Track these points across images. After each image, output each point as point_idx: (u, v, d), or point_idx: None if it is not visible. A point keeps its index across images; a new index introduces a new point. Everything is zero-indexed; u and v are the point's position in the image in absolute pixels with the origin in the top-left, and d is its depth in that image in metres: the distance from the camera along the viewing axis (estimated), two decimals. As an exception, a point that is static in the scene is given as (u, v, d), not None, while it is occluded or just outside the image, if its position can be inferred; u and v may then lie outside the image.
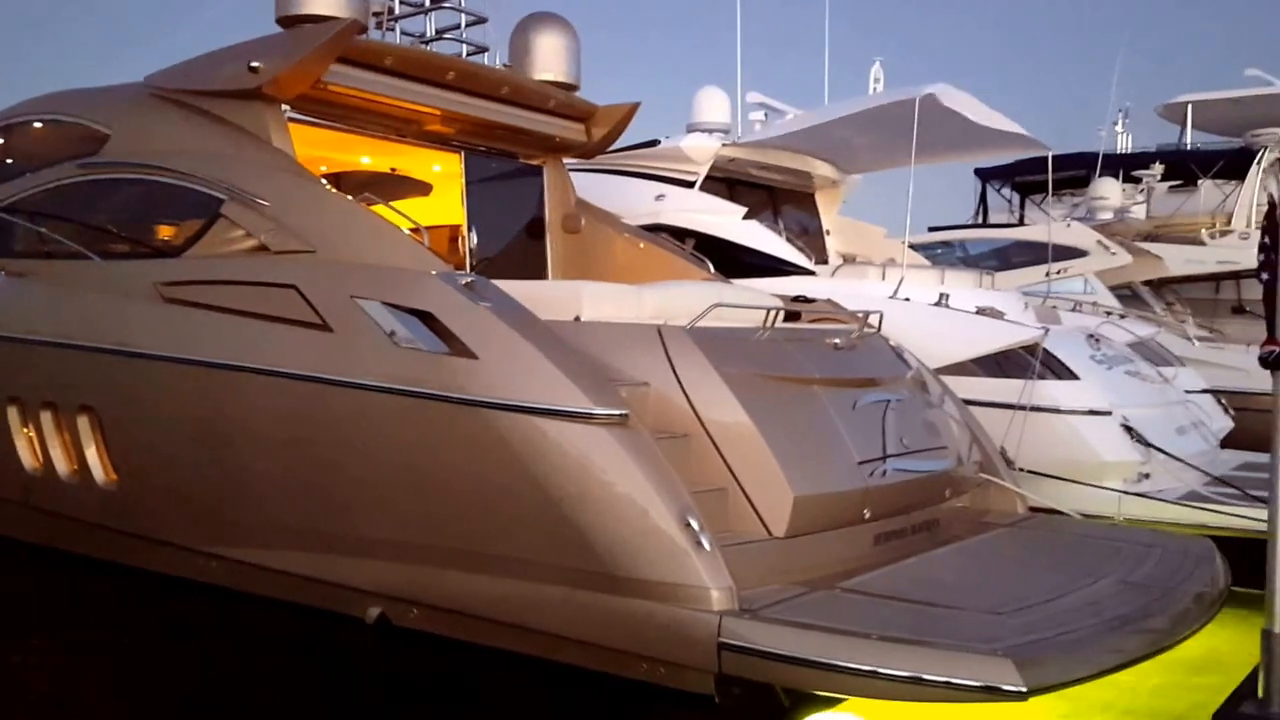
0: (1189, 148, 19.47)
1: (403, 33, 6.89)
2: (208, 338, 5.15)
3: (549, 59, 7.08)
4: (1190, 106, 19.64)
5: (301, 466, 4.90)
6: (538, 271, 7.41)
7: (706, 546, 4.04)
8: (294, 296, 4.88)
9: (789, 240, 10.32)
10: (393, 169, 7.48)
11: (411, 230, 5.41)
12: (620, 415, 4.26)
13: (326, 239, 5.11)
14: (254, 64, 5.49)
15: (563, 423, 4.26)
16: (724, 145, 10.53)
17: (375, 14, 6.58)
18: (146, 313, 5.46)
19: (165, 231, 5.87)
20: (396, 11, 6.83)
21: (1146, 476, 7.53)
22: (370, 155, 7.23)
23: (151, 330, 5.39)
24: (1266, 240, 4.33)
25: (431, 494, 4.55)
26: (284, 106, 5.78)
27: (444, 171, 7.31)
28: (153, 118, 6.00)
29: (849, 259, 11.18)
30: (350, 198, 5.54)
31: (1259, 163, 15.26)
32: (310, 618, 4.99)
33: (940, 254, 14.61)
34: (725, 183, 10.79)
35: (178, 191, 5.65)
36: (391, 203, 6.51)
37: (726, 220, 10.05)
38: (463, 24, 6.97)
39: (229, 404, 5.10)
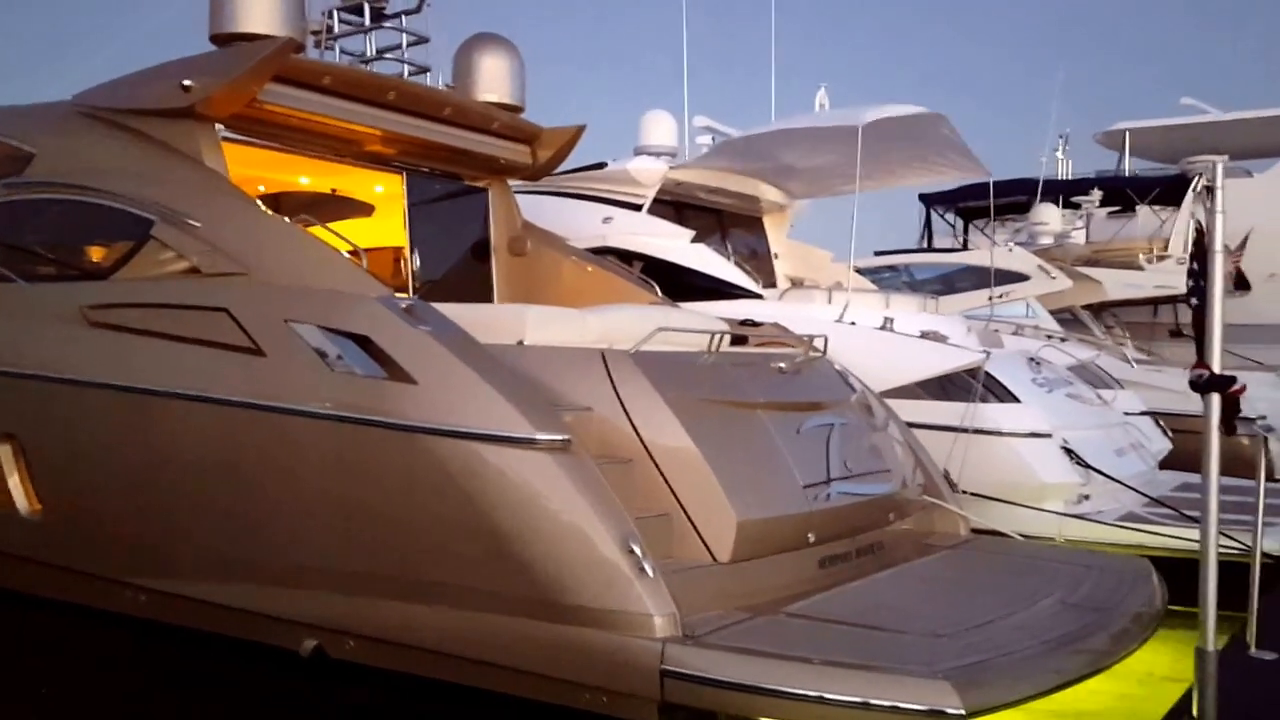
0: (1127, 174, 19.90)
1: (342, 51, 6.81)
2: (135, 363, 5.01)
3: (493, 80, 7.04)
4: (1128, 134, 20.10)
5: (233, 495, 4.77)
6: (483, 294, 7.34)
7: (649, 573, 3.99)
8: (225, 320, 4.76)
9: (737, 264, 10.36)
10: (333, 190, 7.37)
11: (349, 252, 5.32)
12: (562, 440, 4.21)
13: (260, 261, 5.00)
14: (186, 82, 5.38)
15: (503, 448, 4.19)
16: (671, 168, 10.56)
17: (314, 32, 6.50)
18: (72, 337, 5.29)
19: (93, 253, 5.71)
20: (336, 30, 6.75)
21: (1087, 498, 7.62)
22: (310, 176, 7.12)
23: (77, 355, 5.24)
24: (1195, 266, 4.40)
25: (369, 522, 4.45)
26: (218, 126, 5.67)
27: (386, 193, 7.22)
28: (81, 137, 5.85)
29: (797, 282, 11.25)
30: (286, 219, 5.44)
31: (1194, 189, 15.61)
32: (242, 651, 4.85)
33: (886, 278, 14.77)
34: (673, 206, 10.82)
35: (106, 212, 5.50)
36: (333, 224, 6.42)
37: (674, 243, 10.06)
38: (404, 44, 6.90)
39: (157, 431, 4.95)
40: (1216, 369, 4.33)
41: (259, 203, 5.53)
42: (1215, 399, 4.36)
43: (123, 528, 5.19)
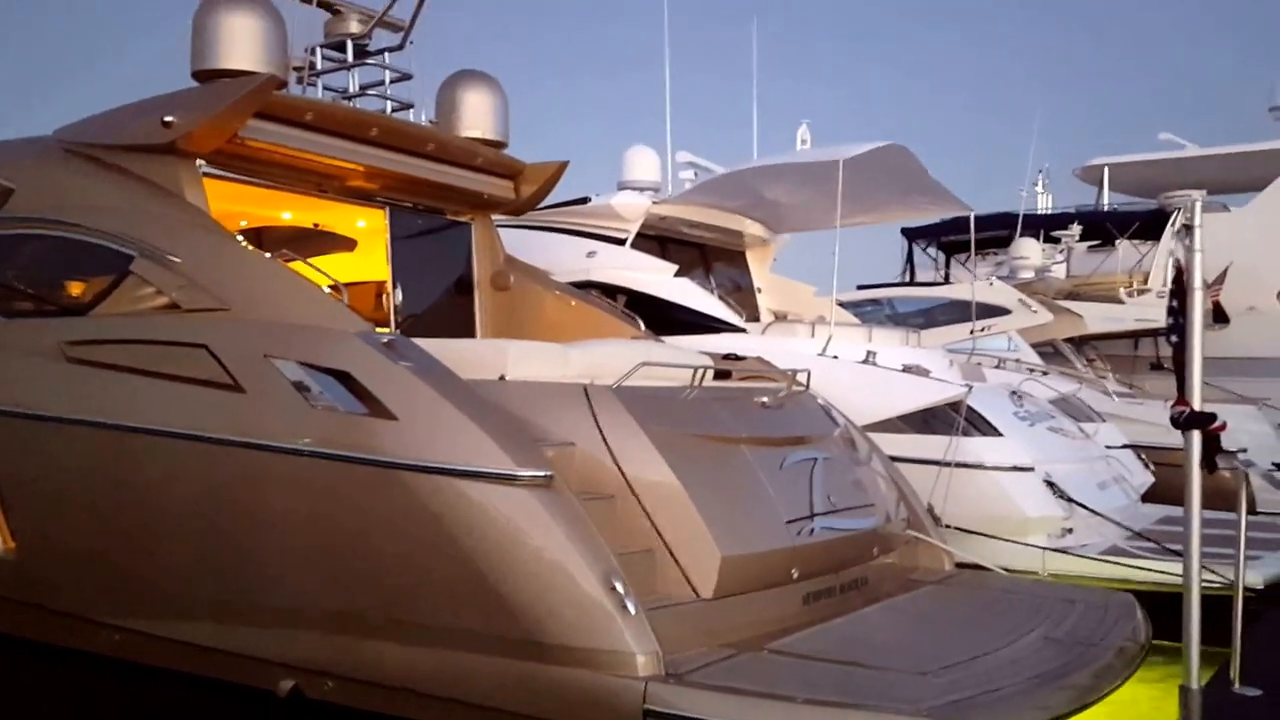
0: (1106, 209, 20.10)
1: (325, 88, 6.81)
2: (113, 399, 4.97)
3: (476, 116, 7.06)
4: (1106, 169, 20.31)
5: (211, 533, 4.72)
6: (466, 329, 7.32)
7: (632, 610, 3.96)
8: (205, 356, 4.73)
9: (721, 298, 10.38)
10: (316, 224, 7.36)
11: (330, 287, 5.30)
12: (545, 476, 4.18)
13: (241, 297, 4.98)
14: (167, 118, 5.37)
15: (485, 485, 4.16)
16: (655, 203, 10.59)
17: (296, 69, 6.51)
18: (50, 373, 5.25)
19: (72, 289, 5.68)
20: (319, 66, 6.76)
21: (1070, 531, 7.62)
22: (292, 211, 7.11)
23: (55, 391, 5.19)
24: (1174, 304, 4.43)
25: (348, 560, 4.41)
26: (199, 161, 5.66)
27: (368, 227, 7.22)
28: (61, 172, 5.83)
29: (780, 316, 11.27)
30: (267, 254, 5.42)
31: (1173, 224, 15.78)
32: (218, 692, 4.78)
33: (869, 311, 14.82)
34: (657, 240, 10.84)
35: (86, 248, 5.47)
36: (315, 259, 6.40)
37: (658, 278, 10.08)
38: (387, 80, 6.91)
39: (135, 468, 4.90)
40: (1197, 406, 4.35)
41: (239, 238, 5.52)
42: (1196, 436, 4.38)
43: (98, 566, 5.12)
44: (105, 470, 5.01)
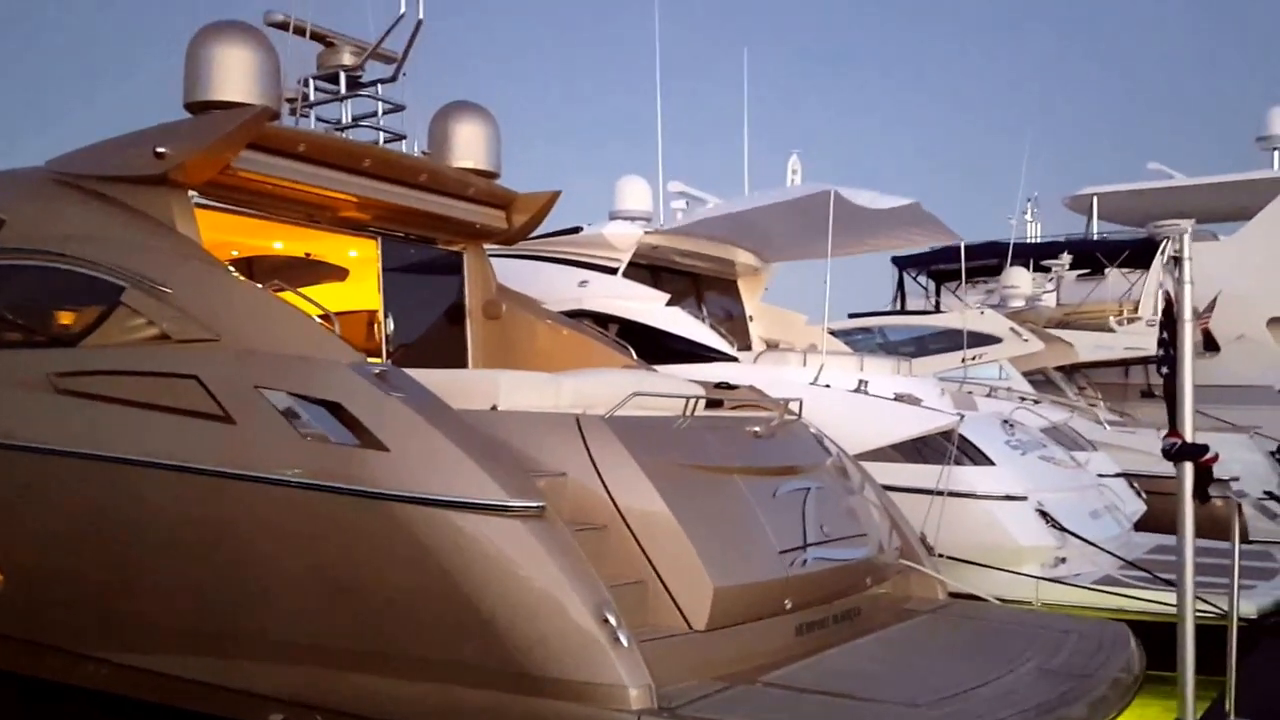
0: (1095, 238, 20.21)
1: (318, 119, 6.83)
2: (102, 430, 4.94)
3: (469, 147, 7.08)
4: (1096, 198, 20.45)
5: (200, 565, 4.68)
6: (458, 358, 7.31)
7: (624, 643, 3.93)
8: (195, 387, 4.71)
9: (712, 327, 10.40)
10: (307, 254, 7.36)
11: (321, 317, 5.29)
12: (537, 507, 4.17)
13: (231, 327, 4.97)
14: (160, 149, 5.37)
15: (477, 516, 4.14)
16: (646, 232, 10.63)
17: (289, 100, 6.52)
18: (38, 404, 5.21)
19: (62, 320, 5.65)
20: (311, 98, 6.78)
21: (1063, 561, 7.61)
22: (284, 241, 7.11)
23: (43, 422, 5.16)
24: (1164, 335, 4.45)
25: (338, 592, 4.37)
26: (191, 192, 5.66)
27: (360, 257, 7.22)
28: (52, 203, 5.82)
29: (772, 345, 11.29)
30: (258, 285, 5.41)
31: (1162, 252, 15.85)
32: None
33: (860, 340, 14.86)
34: (649, 269, 10.87)
35: (76, 279, 5.46)
36: (307, 288, 6.39)
37: (650, 306, 10.09)
38: (380, 111, 6.93)
39: (124, 500, 4.87)
40: (1189, 437, 4.37)
41: (231, 269, 5.51)
42: (1188, 468, 4.38)
43: (86, 599, 5.08)
44: (94, 502, 4.98)
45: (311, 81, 6.78)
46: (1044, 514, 7.72)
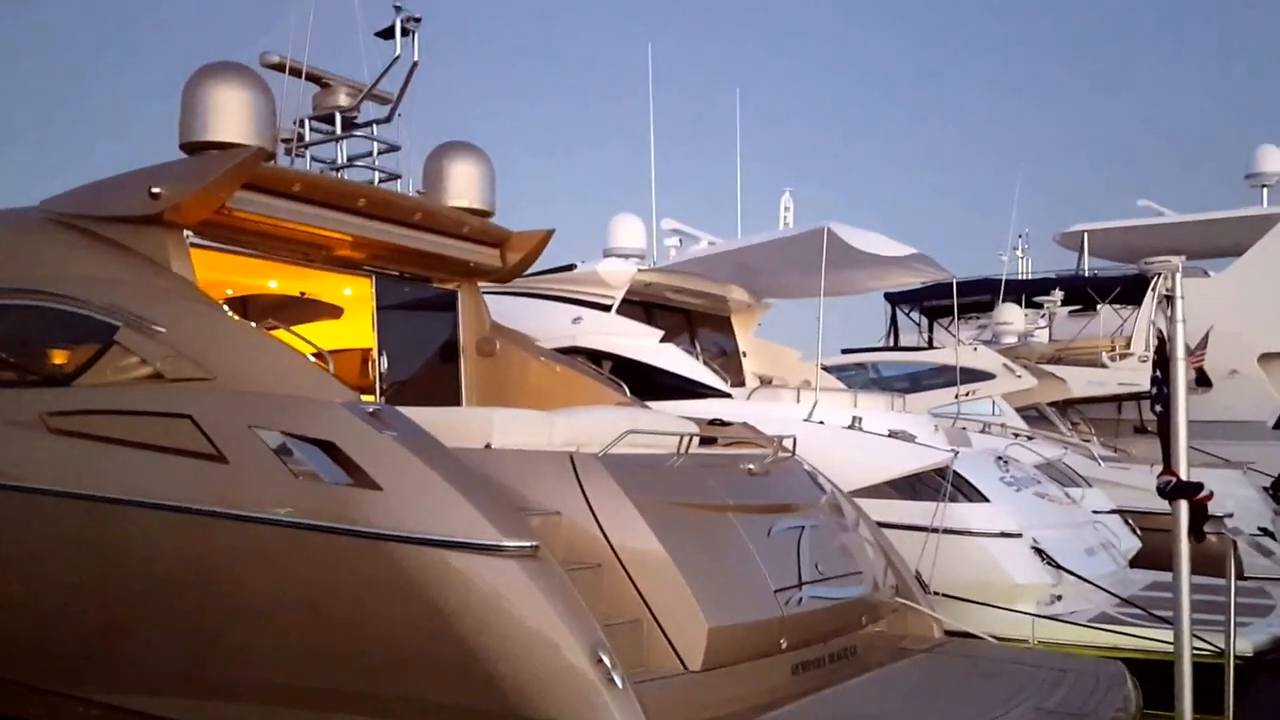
0: (1087, 274, 20.31)
1: (313, 159, 6.86)
2: (95, 470, 4.92)
3: (463, 186, 7.11)
4: (1086, 235, 20.56)
5: (191, 605, 4.65)
6: (452, 395, 7.31)
7: (619, 684, 3.91)
8: (188, 426, 4.70)
9: (706, 363, 10.40)
10: (302, 293, 7.37)
11: (315, 355, 5.28)
12: (530, 547, 4.15)
13: (225, 366, 4.97)
14: (155, 190, 5.39)
15: (470, 556, 4.13)
16: (640, 270, 10.67)
17: (285, 140, 6.56)
18: (30, 444, 5.20)
19: (55, 359, 5.64)
20: (307, 138, 6.81)
21: (1059, 598, 7.58)
22: (279, 279, 7.12)
23: (35, 462, 5.14)
24: (1158, 374, 4.47)
25: (331, 633, 4.35)
26: (186, 232, 5.67)
27: (355, 295, 7.23)
28: (47, 242, 5.83)
29: (766, 381, 11.30)
30: (252, 324, 5.41)
31: (1154, 288, 15.95)
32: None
33: (853, 375, 14.86)
34: (642, 306, 10.90)
35: (70, 318, 5.46)
36: (301, 326, 6.39)
37: (643, 343, 10.11)
38: (375, 151, 6.97)
39: (114, 540, 4.84)
40: (1184, 475, 4.37)
41: (225, 308, 5.52)
42: (1183, 506, 4.38)
43: (75, 639, 5.04)
44: (84, 541, 4.95)
45: (307, 122, 6.82)
46: (1039, 551, 7.70)
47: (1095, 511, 9.40)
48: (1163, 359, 4.46)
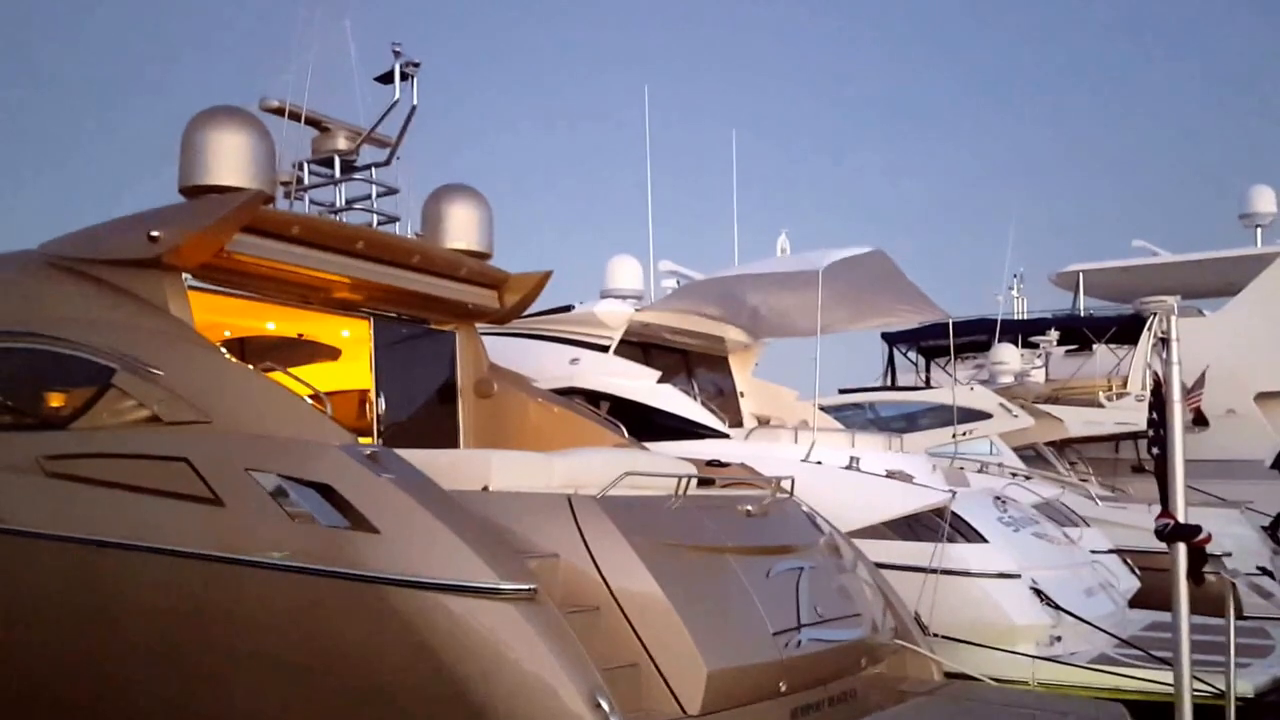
0: (1082, 314, 20.39)
1: (312, 202, 6.90)
2: (91, 514, 4.91)
3: (461, 228, 7.15)
4: (1081, 275, 20.67)
5: (188, 649, 4.63)
6: (449, 437, 7.30)
7: (616, 728, 3.88)
8: (185, 469, 4.70)
9: (703, 403, 10.39)
10: (300, 334, 7.39)
11: (313, 398, 5.29)
12: (528, 590, 4.14)
13: (223, 409, 4.97)
14: (154, 233, 5.42)
15: (468, 599, 4.12)
16: (637, 310, 10.70)
17: (284, 183, 6.60)
18: (26, 487, 5.19)
19: (53, 402, 5.64)
20: (306, 181, 6.86)
21: (1058, 639, 7.54)
22: (277, 321, 7.14)
23: (31, 506, 5.13)
24: (1155, 416, 4.48)
25: (329, 676, 4.32)
26: (184, 275, 5.70)
27: (353, 337, 7.25)
28: (46, 286, 5.84)
29: (763, 420, 11.29)
30: (249, 366, 5.42)
31: (1149, 329, 16.01)
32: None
33: (851, 415, 14.85)
34: (640, 347, 10.91)
35: (68, 361, 5.47)
36: (298, 368, 6.40)
37: (641, 384, 10.11)
38: (373, 194, 7.01)
39: (111, 584, 4.83)
40: (1181, 518, 4.37)
41: (222, 350, 5.52)
42: (1181, 548, 4.38)
43: (69, 681, 5.00)
44: (81, 585, 4.93)
45: (306, 165, 6.87)
46: (1038, 592, 7.67)
47: (1094, 551, 9.38)
48: (1159, 401, 4.47)
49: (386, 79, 6.59)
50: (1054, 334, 18.72)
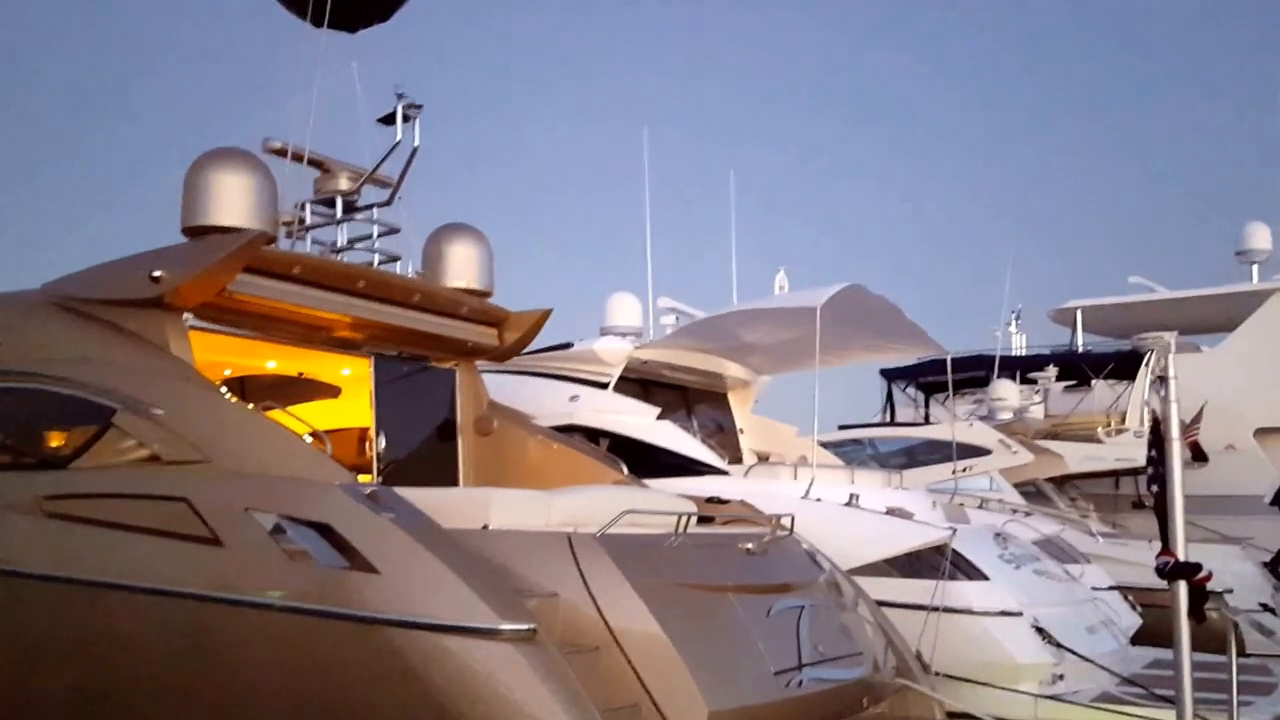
0: (1081, 349, 20.44)
1: (314, 241, 6.94)
2: (91, 554, 4.90)
3: (462, 267, 7.18)
4: (1079, 311, 20.74)
5: (187, 690, 4.60)
6: (449, 474, 7.30)
7: (617, 770, 3.86)
8: (184, 509, 4.70)
9: (703, 440, 10.39)
10: (300, 373, 7.40)
11: (312, 436, 5.29)
12: (528, 630, 4.13)
13: (222, 448, 4.98)
14: (156, 273, 5.45)
15: (467, 639, 4.11)
16: (637, 347, 10.72)
17: (286, 223, 6.64)
18: (26, 527, 5.19)
19: (53, 442, 5.64)
20: (308, 221, 6.90)
21: (1061, 678, 7.49)
22: (278, 360, 7.16)
23: (30, 546, 5.11)
24: (1154, 454, 4.49)
25: (328, 717, 4.29)
26: (185, 315, 5.72)
27: (353, 375, 7.27)
28: (48, 326, 5.86)
29: (763, 457, 11.28)
30: (249, 405, 5.43)
31: (1147, 364, 16.05)
32: None
33: (850, 451, 14.86)
34: (639, 384, 10.92)
35: (68, 401, 5.47)
36: (299, 406, 6.40)
37: (640, 420, 10.10)
38: (375, 234, 7.05)
39: (110, 625, 4.81)
40: (1182, 556, 4.37)
41: (222, 389, 5.54)
42: (1182, 586, 4.38)
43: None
44: (80, 626, 4.91)
45: (308, 205, 6.91)
46: (1040, 630, 7.63)
47: (1095, 588, 9.34)
48: (1157, 438, 4.48)
49: (389, 120, 6.66)
50: (1052, 370, 18.77)
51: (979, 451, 13.72)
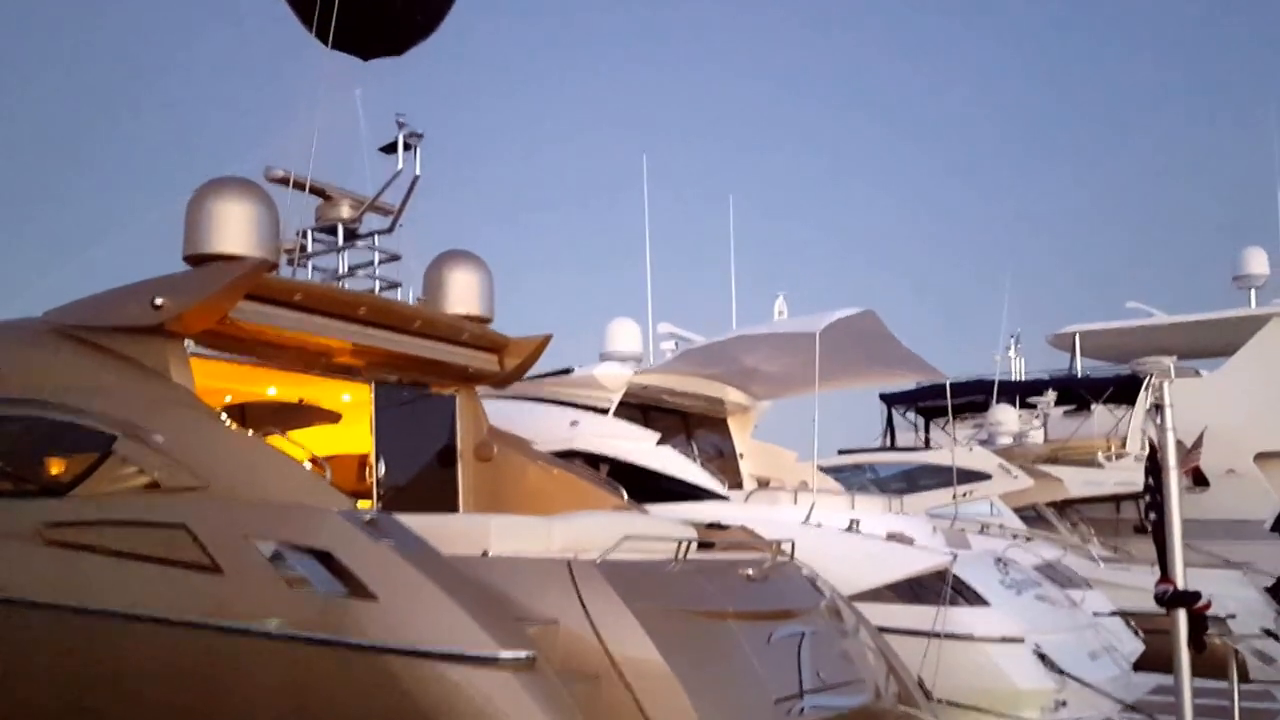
0: (1079, 374, 20.46)
1: (315, 268, 6.97)
2: (89, 583, 4.89)
3: (462, 294, 7.20)
4: (1078, 336, 20.79)
5: (186, 718, 4.58)
6: (449, 501, 7.29)
7: (616, 799, 3.84)
8: (183, 536, 4.69)
9: (703, 465, 10.40)
10: (301, 399, 7.41)
11: (312, 462, 5.29)
12: (527, 658, 4.12)
13: (222, 475, 4.97)
14: (158, 301, 5.47)
15: (466, 668, 4.09)
16: (636, 373, 10.74)
17: (287, 251, 6.66)
18: (24, 556, 5.18)
19: (53, 470, 5.64)
20: (309, 249, 6.93)
21: (1063, 704, 7.46)
22: (278, 386, 7.16)
23: (29, 575, 5.10)
24: (1151, 481, 4.49)
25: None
26: (186, 342, 5.73)
27: (354, 401, 7.27)
28: (48, 354, 5.86)
29: (763, 482, 11.28)
30: (249, 432, 5.43)
31: (1147, 388, 16.06)
32: None
33: (850, 476, 14.84)
34: (639, 409, 10.93)
35: (68, 429, 5.47)
36: (298, 432, 6.40)
37: (640, 446, 10.11)
38: (376, 261, 7.08)
39: (108, 654, 4.79)
40: (1181, 584, 4.36)
41: (223, 416, 5.54)
42: (1182, 614, 4.37)
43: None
44: (78, 656, 4.89)
45: (310, 233, 6.94)
46: (1042, 656, 7.60)
47: (1096, 613, 9.31)
48: (1155, 466, 4.48)
49: (390, 149, 6.70)
50: (1051, 394, 18.80)
51: (979, 476, 13.71)
